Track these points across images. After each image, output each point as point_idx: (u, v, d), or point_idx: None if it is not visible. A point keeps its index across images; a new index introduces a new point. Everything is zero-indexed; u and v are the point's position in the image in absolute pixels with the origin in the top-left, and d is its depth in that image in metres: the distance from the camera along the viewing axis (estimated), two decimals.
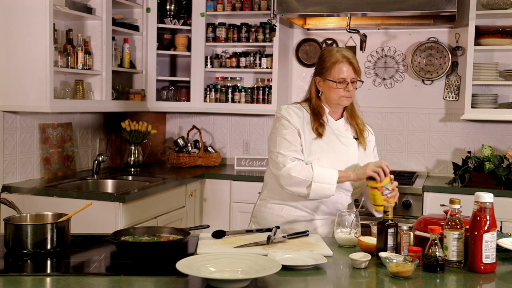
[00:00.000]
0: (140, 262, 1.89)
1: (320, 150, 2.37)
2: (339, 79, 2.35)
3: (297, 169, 2.30)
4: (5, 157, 3.41)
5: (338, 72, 2.35)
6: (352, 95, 2.40)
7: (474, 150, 4.20)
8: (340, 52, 2.39)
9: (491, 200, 1.85)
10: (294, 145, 2.35)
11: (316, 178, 2.28)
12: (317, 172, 2.29)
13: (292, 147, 2.35)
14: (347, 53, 2.39)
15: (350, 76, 2.36)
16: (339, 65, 2.36)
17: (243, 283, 1.65)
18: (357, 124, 2.48)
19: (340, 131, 2.44)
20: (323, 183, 2.28)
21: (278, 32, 4.24)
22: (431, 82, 4.31)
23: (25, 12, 3.25)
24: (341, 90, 2.37)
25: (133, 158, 4.24)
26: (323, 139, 2.39)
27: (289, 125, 2.38)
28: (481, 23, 3.95)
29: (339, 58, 2.36)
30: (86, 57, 3.65)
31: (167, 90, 4.60)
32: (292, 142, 2.36)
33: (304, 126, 2.39)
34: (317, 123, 2.39)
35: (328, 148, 2.39)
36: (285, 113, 2.41)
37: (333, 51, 2.41)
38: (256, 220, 2.52)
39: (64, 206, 3.07)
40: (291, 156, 2.34)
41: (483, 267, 1.83)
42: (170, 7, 4.45)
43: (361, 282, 1.79)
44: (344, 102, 2.40)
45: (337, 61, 2.36)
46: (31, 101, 3.29)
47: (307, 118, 2.42)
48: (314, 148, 2.37)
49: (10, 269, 1.85)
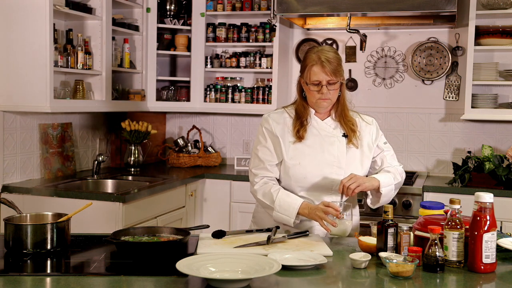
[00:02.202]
0: (140, 262, 1.89)
1: (301, 155, 2.35)
2: (313, 82, 2.30)
3: (261, 192, 2.36)
4: (5, 157, 3.41)
5: (311, 75, 2.30)
6: (331, 97, 2.32)
7: (474, 150, 4.20)
8: (317, 53, 2.30)
9: (491, 200, 1.85)
10: (263, 163, 2.37)
11: (277, 207, 2.29)
12: (278, 202, 2.29)
13: (261, 164, 2.38)
14: (324, 53, 2.29)
15: (325, 78, 2.28)
16: (312, 68, 2.29)
17: (243, 283, 1.65)
18: (345, 123, 2.41)
19: (327, 131, 2.39)
20: (283, 214, 2.29)
21: (278, 32, 4.24)
22: (431, 82, 4.31)
23: (25, 12, 3.25)
24: (317, 93, 2.31)
25: (133, 158, 4.24)
26: (306, 142, 2.36)
27: (266, 137, 2.39)
28: (481, 23, 3.95)
29: (314, 59, 2.29)
30: (86, 57, 3.65)
31: (167, 90, 4.60)
32: (262, 159, 2.38)
33: (284, 132, 2.38)
34: (299, 126, 2.37)
35: (310, 151, 2.36)
36: (264, 122, 2.43)
37: (312, 51, 2.34)
38: (255, 221, 2.53)
39: (64, 206, 3.07)
40: (259, 175, 2.38)
41: (483, 267, 1.83)
42: (170, 7, 4.45)
43: (361, 282, 1.79)
44: (321, 105, 2.34)
45: (311, 63, 2.30)
46: (31, 101, 3.29)
47: (289, 122, 2.40)
48: (295, 153, 2.35)
49: (10, 269, 1.84)
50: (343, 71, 2.38)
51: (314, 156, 2.35)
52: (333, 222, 2.16)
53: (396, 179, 2.40)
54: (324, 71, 2.28)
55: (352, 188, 2.21)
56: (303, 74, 2.34)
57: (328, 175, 2.34)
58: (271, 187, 2.34)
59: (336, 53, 2.34)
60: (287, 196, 2.31)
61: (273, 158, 2.38)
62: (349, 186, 2.21)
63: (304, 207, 2.26)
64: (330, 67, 2.27)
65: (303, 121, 2.38)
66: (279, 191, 2.32)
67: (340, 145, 2.38)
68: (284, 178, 2.39)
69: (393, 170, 2.43)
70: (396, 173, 2.42)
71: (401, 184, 2.48)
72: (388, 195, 2.37)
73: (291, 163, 2.35)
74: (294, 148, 2.36)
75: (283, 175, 2.39)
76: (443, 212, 2.16)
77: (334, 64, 2.29)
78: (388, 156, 2.48)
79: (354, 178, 2.24)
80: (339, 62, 2.33)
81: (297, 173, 2.35)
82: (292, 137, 2.37)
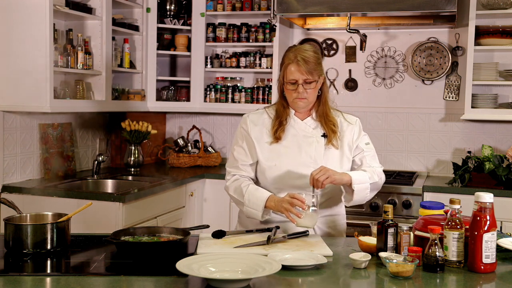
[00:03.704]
0: (140, 262, 1.89)
1: (277, 156, 2.35)
2: (290, 81, 2.30)
3: (232, 188, 2.38)
4: (5, 157, 3.41)
5: (288, 74, 2.29)
6: (308, 96, 2.31)
7: (474, 150, 4.20)
8: (294, 52, 2.30)
9: (491, 200, 1.85)
10: (237, 161, 2.40)
11: (246, 202, 2.30)
12: (248, 197, 2.29)
13: (235, 163, 2.41)
14: (302, 52, 2.28)
15: (301, 77, 2.27)
16: (289, 66, 2.29)
17: (243, 283, 1.65)
18: (326, 123, 2.37)
19: (305, 131, 2.38)
20: (252, 208, 2.29)
21: (278, 32, 4.24)
22: (431, 82, 4.31)
23: (25, 12, 3.25)
24: (293, 92, 2.30)
25: (133, 158, 4.24)
26: (283, 142, 2.36)
27: (242, 137, 2.41)
28: (481, 23, 3.95)
29: (291, 58, 2.29)
30: (86, 57, 3.65)
31: (167, 90, 4.60)
32: (236, 158, 2.41)
33: (262, 133, 2.38)
34: (277, 126, 2.36)
35: (287, 152, 2.35)
36: (242, 122, 2.44)
37: (290, 50, 2.33)
38: (240, 221, 2.53)
39: (64, 206, 3.07)
40: (231, 172, 2.41)
41: (483, 267, 1.83)
42: (170, 7, 4.45)
43: (361, 282, 1.79)
44: (298, 104, 2.33)
45: (288, 62, 2.30)
46: (31, 101, 3.29)
47: (268, 123, 2.40)
48: (271, 154, 2.35)
49: (10, 269, 1.84)
50: (323, 70, 2.36)
51: (291, 157, 2.34)
52: (298, 213, 2.15)
53: (373, 179, 2.34)
54: (300, 70, 2.27)
55: (321, 180, 2.17)
56: (282, 73, 2.34)
57: (305, 176, 2.30)
58: (241, 183, 2.35)
59: (315, 52, 2.32)
60: (256, 190, 2.31)
61: (247, 158, 2.39)
62: (318, 178, 2.18)
63: (271, 199, 2.25)
64: (306, 66, 2.27)
65: (282, 121, 2.37)
66: (248, 186, 2.32)
67: (318, 145, 2.36)
68: (261, 179, 2.40)
69: (370, 170, 2.37)
70: (374, 174, 2.36)
71: (380, 185, 2.42)
72: (362, 194, 2.31)
73: (267, 165, 2.35)
74: (271, 149, 2.36)
75: (260, 176, 2.40)
76: (443, 212, 2.16)
77: (311, 63, 2.28)
78: (368, 157, 2.43)
79: (323, 170, 2.20)
80: (318, 61, 2.31)
81: (273, 175, 2.35)
82: (269, 137, 2.37)
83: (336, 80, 4.52)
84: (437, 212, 2.19)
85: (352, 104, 4.48)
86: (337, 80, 4.52)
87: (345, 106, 4.49)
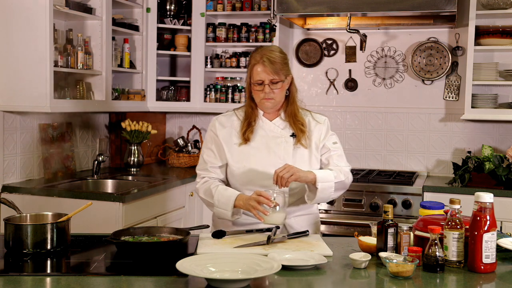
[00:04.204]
0: (140, 262, 1.89)
1: (246, 157, 2.35)
2: (256, 81, 2.30)
3: (202, 190, 2.38)
4: (5, 157, 3.41)
5: (254, 74, 2.30)
6: (275, 96, 2.31)
7: (474, 150, 4.20)
8: (260, 53, 2.31)
9: (491, 200, 1.85)
10: (206, 164, 2.41)
11: (216, 202, 2.30)
12: (217, 197, 2.29)
13: (205, 165, 2.42)
14: (267, 53, 2.29)
15: (267, 78, 2.28)
16: (255, 67, 2.30)
17: (243, 283, 1.65)
18: (295, 123, 2.37)
19: (274, 132, 2.39)
20: (222, 208, 2.29)
21: (278, 32, 4.24)
22: (431, 82, 4.31)
23: (25, 12, 3.25)
24: (260, 92, 2.31)
25: (133, 158, 4.24)
26: (252, 144, 2.36)
27: (211, 140, 2.42)
28: (481, 23, 3.95)
29: (257, 59, 2.30)
30: (86, 57, 3.65)
31: (167, 90, 4.60)
32: (206, 161, 2.42)
33: (232, 135, 2.39)
34: (246, 127, 2.37)
35: (255, 153, 2.35)
36: (211, 125, 2.46)
37: (256, 51, 2.34)
38: (214, 224, 2.51)
39: (64, 206, 3.07)
40: (201, 175, 2.42)
41: (483, 267, 1.83)
42: (170, 7, 4.45)
43: (361, 282, 1.79)
44: (265, 104, 2.34)
45: (255, 63, 2.30)
46: (31, 101, 3.29)
47: (237, 124, 2.40)
48: (240, 156, 2.36)
49: (10, 269, 1.85)
50: (289, 70, 2.36)
51: (260, 158, 2.35)
52: (264, 210, 2.15)
53: (338, 178, 2.33)
54: (266, 70, 2.28)
55: (285, 177, 2.17)
56: (249, 74, 2.34)
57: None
58: (211, 184, 2.35)
59: (281, 52, 2.34)
60: (225, 191, 2.31)
61: (216, 161, 2.40)
62: (282, 176, 2.17)
63: (239, 198, 2.25)
64: (271, 66, 2.27)
65: (250, 122, 2.38)
66: (218, 187, 2.32)
67: (287, 145, 2.37)
68: (232, 181, 2.40)
69: (336, 169, 2.36)
70: (340, 173, 2.35)
71: (347, 185, 2.41)
72: (326, 193, 2.30)
73: (236, 166, 2.36)
74: (240, 151, 2.36)
75: (230, 179, 2.40)
76: (443, 212, 2.16)
77: (277, 63, 2.28)
78: (335, 156, 2.42)
79: (288, 168, 2.19)
80: (283, 61, 2.32)
81: (243, 176, 2.35)
82: (238, 139, 2.37)
83: (336, 80, 4.52)
84: (437, 212, 2.19)
85: (352, 104, 4.48)
86: (337, 80, 4.52)
87: (345, 106, 4.50)
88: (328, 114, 4.53)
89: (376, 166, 4.38)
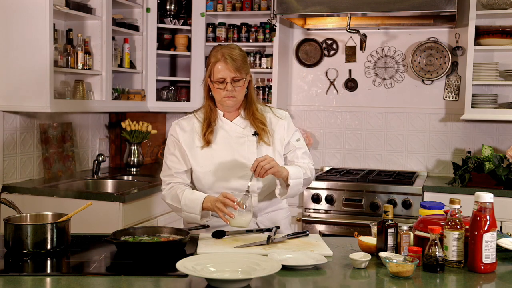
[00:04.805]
0: (140, 262, 1.89)
1: (211, 161, 2.33)
2: (218, 79, 2.28)
3: (169, 197, 2.36)
4: (5, 157, 3.41)
5: (215, 72, 2.28)
6: (237, 94, 2.30)
7: (474, 150, 4.20)
8: (221, 51, 2.29)
9: (491, 200, 1.85)
10: (171, 170, 2.38)
11: (183, 207, 2.28)
12: (184, 202, 2.27)
13: (169, 171, 2.39)
14: (229, 50, 2.28)
15: (229, 75, 2.26)
16: (216, 64, 2.28)
17: (243, 283, 1.65)
18: (255, 121, 2.36)
19: (236, 132, 2.37)
20: (189, 212, 2.27)
21: (278, 32, 4.24)
22: (431, 82, 4.31)
23: (25, 12, 3.25)
24: (222, 91, 2.29)
25: (133, 158, 4.24)
26: (214, 146, 2.34)
27: (174, 145, 2.38)
28: (481, 23, 3.95)
29: (218, 57, 2.28)
30: (86, 57, 3.65)
31: (167, 90, 4.60)
32: (170, 167, 2.38)
33: (194, 139, 2.36)
34: (206, 129, 2.35)
35: (220, 155, 2.33)
36: (171, 130, 2.42)
37: (216, 49, 2.32)
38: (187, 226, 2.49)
39: (64, 206, 3.07)
40: (166, 181, 2.39)
41: (483, 267, 1.83)
42: (170, 7, 4.45)
43: (361, 282, 1.79)
44: (227, 103, 2.32)
45: (216, 60, 2.29)
46: (31, 101, 3.29)
47: (198, 127, 2.38)
48: (204, 160, 2.33)
49: (10, 269, 1.84)
50: (249, 69, 2.36)
51: (224, 160, 2.33)
52: (229, 213, 2.13)
53: (306, 175, 2.35)
54: (228, 67, 2.27)
55: (266, 168, 2.16)
56: (209, 72, 2.32)
57: (241, 177, 2.31)
58: (177, 189, 2.33)
59: (241, 50, 2.33)
60: (192, 194, 2.29)
61: (180, 166, 2.37)
62: (263, 166, 2.16)
63: (207, 200, 2.23)
64: (233, 64, 2.27)
65: (210, 123, 2.36)
66: (184, 191, 2.30)
67: (251, 145, 2.36)
68: (199, 186, 2.38)
69: (303, 165, 2.38)
70: (307, 169, 2.37)
71: (311, 180, 2.44)
72: (296, 189, 2.30)
73: (201, 171, 2.33)
74: (203, 154, 2.34)
75: (197, 184, 2.38)
76: (443, 212, 2.16)
77: (238, 61, 2.28)
78: (300, 153, 2.44)
79: (269, 159, 2.19)
80: (244, 59, 2.32)
81: (209, 180, 2.33)
82: (200, 142, 2.35)
83: (336, 80, 4.52)
84: (437, 212, 2.19)
85: (352, 104, 4.48)
86: (337, 80, 4.52)
87: (345, 106, 4.50)
88: (328, 114, 4.55)
89: (376, 166, 4.38)
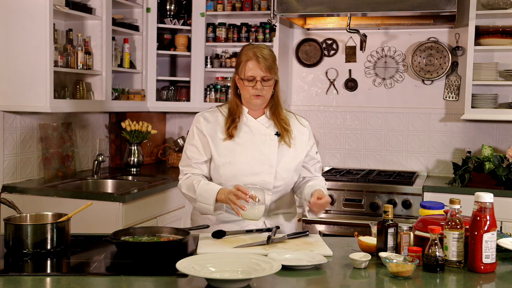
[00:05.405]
0: (140, 262, 1.89)
1: (232, 153, 2.36)
2: (248, 77, 2.32)
3: (185, 186, 2.38)
4: (5, 157, 3.41)
5: (247, 70, 2.32)
6: (265, 94, 2.34)
7: (474, 150, 4.20)
8: (253, 50, 2.33)
9: (491, 200, 1.85)
10: (190, 160, 2.40)
11: (198, 197, 2.30)
12: (199, 192, 2.29)
13: (188, 162, 2.41)
14: (260, 50, 2.32)
15: (260, 74, 2.31)
16: (248, 63, 2.32)
17: (243, 283, 1.65)
18: (279, 121, 2.41)
19: (259, 130, 2.40)
20: (204, 203, 2.29)
21: (278, 32, 4.24)
22: (431, 82, 4.31)
23: (25, 12, 3.25)
24: (251, 89, 2.33)
25: (133, 158, 4.24)
26: (236, 140, 2.37)
27: (195, 135, 2.41)
28: (481, 23, 3.95)
29: (250, 55, 2.32)
30: (86, 57, 3.65)
31: (167, 90, 4.60)
32: (189, 157, 2.41)
33: (216, 130, 2.39)
34: (230, 124, 2.38)
35: (241, 149, 2.36)
36: (195, 121, 2.45)
37: (247, 48, 2.36)
38: (193, 224, 2.51)
39: (64, 206, 3.07)
40: (184, 171, 2.42)
41: (483, 267, 1.83)
42: (170, 7, 4.45)
43: (361, 282, 1.79)
44: (255, 101, 2.36)
45: (247, 59, 2.32)
46: (31, 101, 3.29)
47: (222, 120, 2.41)
48: (225, 151, 2.36)
49: (10, 269, 1.85)
50: (278, 70, 2.39)
51: (245, 155, 2.36)
52: (242, 205, 2.15)
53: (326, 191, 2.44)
54: (259, 66, 2.30)
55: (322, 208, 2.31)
56: (238, 70, 2.36)
57: (259, 173, 2.34)
58: (193, 180, 2.35)
59: (271, 51, 2.38)
60: (207, 185, 2.31)
61: (200, 156, 2.40)
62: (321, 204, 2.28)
63: (221, 192, 2.25)
64: (265, 63, 2.30)
65: (235, 118, 2.39)
66: (200, 182, 2.33)
67: (272, 143, 2.39)
68: (215, 177, 2.40)
69: (322, 184, 2.47)
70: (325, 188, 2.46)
71: None
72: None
73: (221, 161, 2.36)
74: (225, 146, 2.37)
75: (214, 174, 2.40)
76: (443, 212, 2.16)
77: (269, 61, 2.32)
78: (318, 167, 2.54)
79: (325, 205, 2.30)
80: (274, 60, 2.36)
81: (227, 172, 2.35)
82: (223, 135, 2.38)
83: (336, 80, 4.52)
84: (437, 212, 2.19)
85: (352, 104, 4.48)
86: (337, 80, 4.52)
87: (345, 106, 4.50)
88: (328, 114, 4.54)
89: (376, 166, 4.38)
